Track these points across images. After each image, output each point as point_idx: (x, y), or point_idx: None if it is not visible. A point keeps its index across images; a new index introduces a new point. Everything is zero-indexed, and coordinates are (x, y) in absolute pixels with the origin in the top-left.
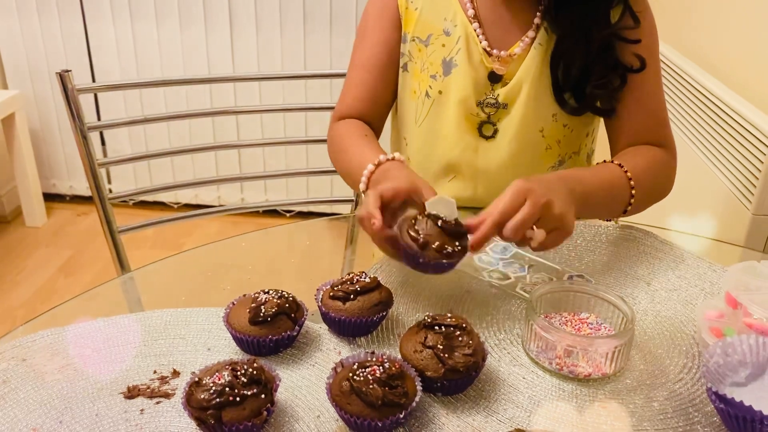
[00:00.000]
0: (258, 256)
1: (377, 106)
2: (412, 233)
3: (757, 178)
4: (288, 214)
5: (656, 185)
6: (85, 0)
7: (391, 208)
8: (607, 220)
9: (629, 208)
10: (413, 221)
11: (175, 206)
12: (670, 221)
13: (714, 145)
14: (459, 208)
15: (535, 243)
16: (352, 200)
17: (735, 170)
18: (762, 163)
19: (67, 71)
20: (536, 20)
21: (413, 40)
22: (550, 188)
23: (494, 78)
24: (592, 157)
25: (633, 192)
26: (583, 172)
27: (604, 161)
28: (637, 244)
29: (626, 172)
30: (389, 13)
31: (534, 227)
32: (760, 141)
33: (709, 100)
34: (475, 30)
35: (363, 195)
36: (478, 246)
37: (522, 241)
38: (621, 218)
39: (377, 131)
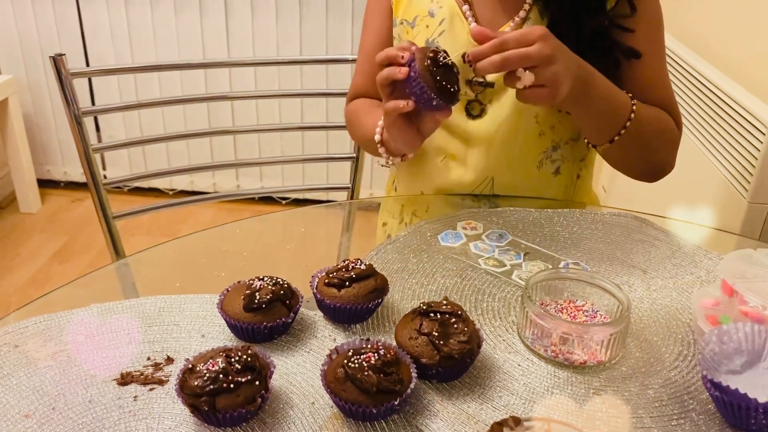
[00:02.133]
0: (253, 242)
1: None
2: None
3: (754, 167)
4: (284, 201)
5: (655, 138)
6: None
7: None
8: (593, 146)
9: (621, 133)
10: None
11: (170, 193)
12: (667, 209)
13: (711, 133)
14: (454, 194)
15: (521, 84)
16: (348, 187)
17: (732, 158)
18: (759, 151)
19: (61, 55)
20: (528, 0)
21: (401, 23)
22: (563, 51)
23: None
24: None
25: (631, 117)
26: (597, 71)
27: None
28: (633, 232)
29: (633, 102)
30: (384, 6)
31: (527, 71)
32: (757, 129)
33: (706, 87)
34: (464, 12)
35: (379, 146)
36: (475, 58)
37: (510, 77)
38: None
39: None
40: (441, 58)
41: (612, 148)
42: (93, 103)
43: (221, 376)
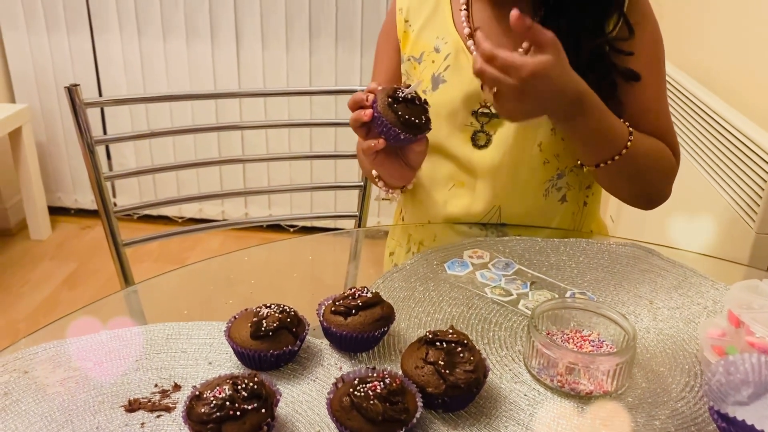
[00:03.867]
0: (261, 270)
1: None
2: (392, 113)
3: (761, 197)
4: (291, 229)
5: (650, 173)
6: (93, 15)
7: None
8: (580, 166)
9: (608, 162)
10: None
11: (180, 220)
12: (674, 239)
13: (717, 164)
14: (461, 223)
15: (485, 94)
16: (355, 215)
17: (738, 189)
18: (765, 182)
19: (76, 85)
20: None
21: (409, 60)
22: (549, 90)
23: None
24: None
25: (627, 146)
26: (600, 102)
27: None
28: (639, 262)
29: (630, 136)
30: (392, 40)
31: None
32: (763, 160)
33: (712, 118)
34: (469, 46)
35: (377, 181)
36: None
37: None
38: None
39: None
40: (400, 94)
41: (599, 171)
42: (105, 132)
43: (228, 403)
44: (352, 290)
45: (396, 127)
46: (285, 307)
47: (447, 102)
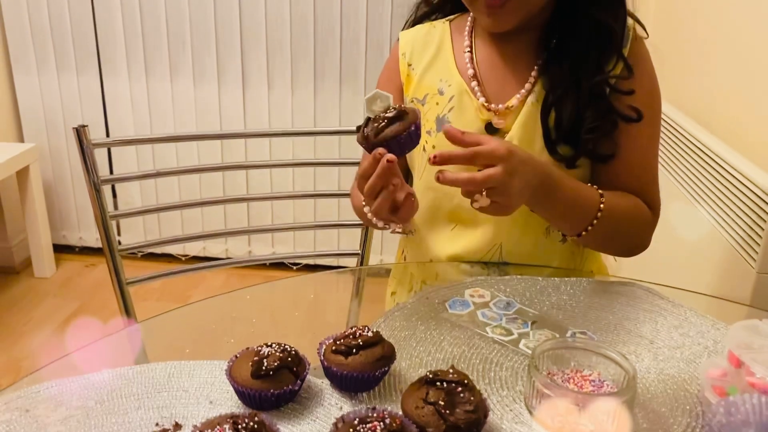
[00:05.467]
0: (263, 309)
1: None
2: (364, 132)
3: (761, 236)
4: (295, 267)
5: (626, 231)
6: (102, 56)
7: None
8: (563, 236)
9: (586, 231)
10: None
11: (183, 258)
12: (676, 279)
13: (718, 204)
14: (464, 261)
15: (477, 205)
16: (358, 253)
17: (739, 228)
18: (765, 221)
19: (84, 126)
20: (533, 74)
21: (412, 101)
22: (524, 170)
23: (491, 129)
24: None
25: (598, 216)
26: (564, 175)
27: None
28: (640, 302)
29: (602, 199)
30: (395, 82)
31: (484, 192)
32: (762, 200)
33: (711, 158)
34: (473, 88)
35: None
36: (443, 161)
37: (467, 194)
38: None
39: None
40: (376, 122)
41: (581, 239)
42: (111, 170)
43: None
44: (353, 329)
45: (391, 135)
46: (286, 346)
47: (450, 143)
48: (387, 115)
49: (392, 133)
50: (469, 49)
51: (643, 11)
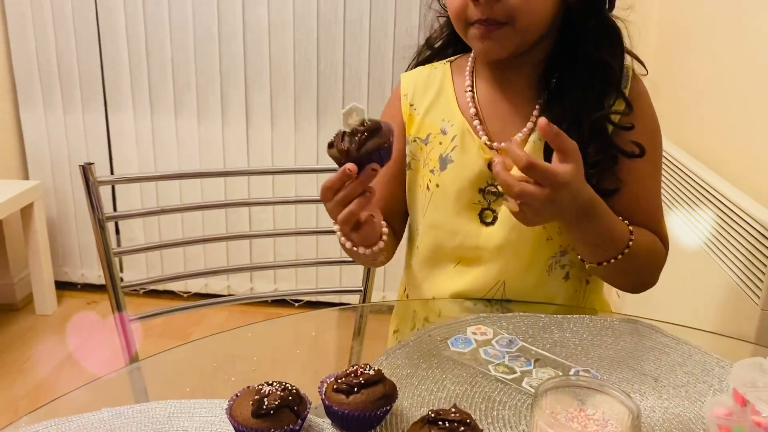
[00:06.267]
0: (264, 347)
1: (391, 213)
2: (341, 146)
3: (764, 273)
4: (297, 304)
5: (644, 267)
6: (108, 94)
7: None
8: (582, 261)
9: (608, 263)
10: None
11: (185, 295)
12: (680, 316)
13: (721, 241)
14: (467, 298)
15: (505, 204)
16: (360, 290)
17: (742, 265)
18: (767, 257)
19: (90, 164)
20: (535, 112)
21: (414, 141)
22: (567, 202)
23: None
24: None
25: (624, 251)
26: (606, 208)
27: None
28: (644, 339)
29: (631, 236)
30: (397, 121)
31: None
32: (764, 236)
33: (712, 195)
34: (475, 126)
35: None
36: (506, 148)
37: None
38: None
39: (396, 233)
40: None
41: (599, 268)
42: (115, 206)
43: None
44: (355, 367)
45: (373, 148)
46: (287, 385)
47: (455, 181)
48: (364, 128)
49: (374, 147)
50: (470, 88)
51: (642, 48)
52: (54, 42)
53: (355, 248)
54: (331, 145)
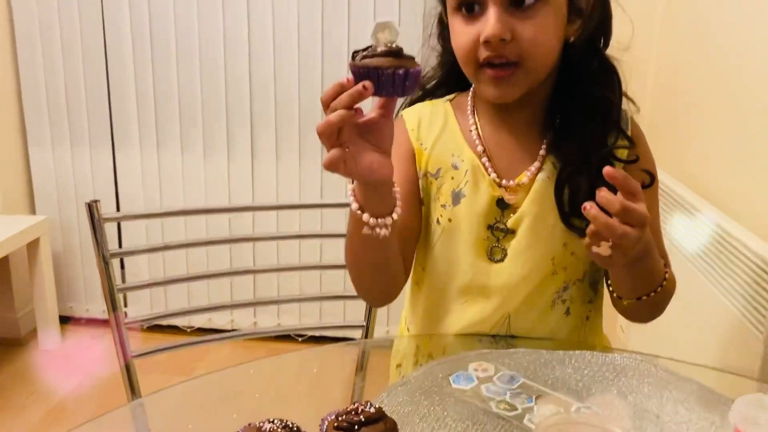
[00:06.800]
0: (267, 383)
1: (402, 239)
2: (365, 61)
3: (765, 308)
4: (300, 339)
5: (667, 299)
6: (115, 130)
7: None
8: (618, 298)
9: (648, 296)
10: (363, 53)
11: (188, 330)
12: (680, 351)
13: (721, 274)
14: (472, 335)
15: (595, 250)
16: (362, 326)
17: (745, 301)
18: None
19: (96, 201)
20: (542, 151)
21: (425, 176)
22: (643, 239)
23: (503, 205)
24: (598, 284)
25: (666, 277)
26: (654, 245)
27: None
28: (645, 375)
29: (666, 269)
30: (405, 152)
31: (610, 242)
32: (762, 269)
33: (711, 228)
34: (484, 163)
35: (359, 213)
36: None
37: (594, 238)
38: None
39: (406, 260)
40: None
41: (635, 303)
42: (120, 242)
43: None
44: (356, 404)
45: (373, 66)
46: (288, 422)
47: (467, 216)
48: (386, 47)
49: (375, 64)
50: (474, 126)
51: (640, 86)
52: (63, 79)
53: (359, 212)
54: (353, 57)
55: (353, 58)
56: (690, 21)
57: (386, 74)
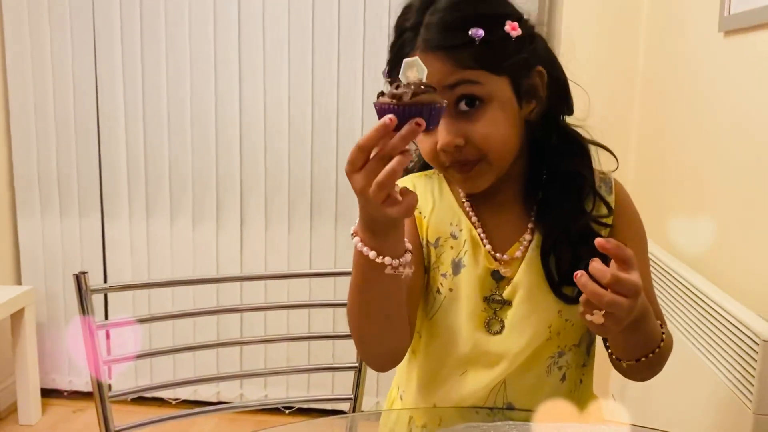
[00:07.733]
0: None
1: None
2: (388, 97)
3: (754, 377)
4: (287, 411)
5: (664, 360)
6: (105, 200)
7: None
8: (617, 360)
9: (646, 357)
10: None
11: (174, 402)
12: (673, 421)
13: (712, 345)
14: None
15: (588, 318)
16: (350, 398)
17: (733, 369)
18: (756, 361)
19: (84, 273)
20: (530, 224)
21: (426, 245)
22: (637, 308)
23: (498, 277)
24: (592, 346)
25: (663, 337)
26: (651, 310)
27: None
28: None
29: (662, 329)
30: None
31: (603, 312)
32: (752, 340)
33: (698, 297)
34: (479, 234)
35: (373, 257)
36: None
37: (587, 307)
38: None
39: (410, 323)
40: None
41: (633, 365)
42: (107, 313)
43: None
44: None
45: (427, 101)
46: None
47: (466, 286)
48: (422, 83)
49: (428, 100)
50: (465, 199)
51: (622, 150)
52: (55, 148)
53: (380, 258)
54: (381, 95)
55: (381, 96)
56: (671, 77)
57: (436, 108)
